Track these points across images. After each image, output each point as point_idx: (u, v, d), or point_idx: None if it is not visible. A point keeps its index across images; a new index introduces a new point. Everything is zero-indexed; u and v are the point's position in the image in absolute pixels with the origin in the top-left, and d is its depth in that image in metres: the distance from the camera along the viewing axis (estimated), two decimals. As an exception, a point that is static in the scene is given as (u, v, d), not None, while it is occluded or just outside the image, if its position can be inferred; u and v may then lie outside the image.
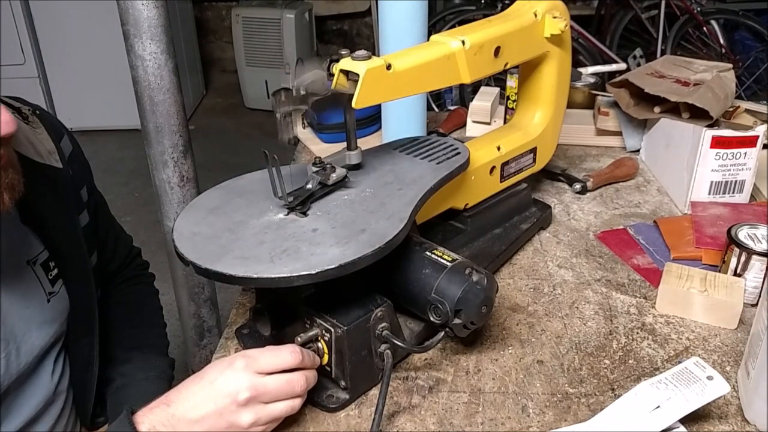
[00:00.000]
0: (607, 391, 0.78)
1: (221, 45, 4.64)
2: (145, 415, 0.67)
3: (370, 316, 0.73)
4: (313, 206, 0.78)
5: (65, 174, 0.86)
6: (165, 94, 1.21)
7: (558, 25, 0.98)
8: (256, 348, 0.72)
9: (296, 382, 0.69)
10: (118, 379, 0.96)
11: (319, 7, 4.21)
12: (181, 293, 1.45)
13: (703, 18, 3.28)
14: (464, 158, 0.89)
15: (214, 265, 0.68)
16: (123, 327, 1.01)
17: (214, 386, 0.67)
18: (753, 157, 1.09)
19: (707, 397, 0.69)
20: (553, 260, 1.03)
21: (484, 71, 0.91)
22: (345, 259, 0.67)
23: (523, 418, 0.74)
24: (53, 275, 0.83)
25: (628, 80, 1.27)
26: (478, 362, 0.82)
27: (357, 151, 0.85)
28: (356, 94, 0.75)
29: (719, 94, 1.16)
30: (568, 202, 1.20)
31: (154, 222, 2.62)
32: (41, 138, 0.84)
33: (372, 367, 0.76)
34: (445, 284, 0.74)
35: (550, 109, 1.08)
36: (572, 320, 0.90)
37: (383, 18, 1.17)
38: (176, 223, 0.77)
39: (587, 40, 3.21)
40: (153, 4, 1.14)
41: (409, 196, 0.79)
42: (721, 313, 0.87)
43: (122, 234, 1.07)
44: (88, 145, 0.90)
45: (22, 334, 0.78)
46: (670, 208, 1.17)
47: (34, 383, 0.82)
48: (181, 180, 1.29)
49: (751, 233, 0.92)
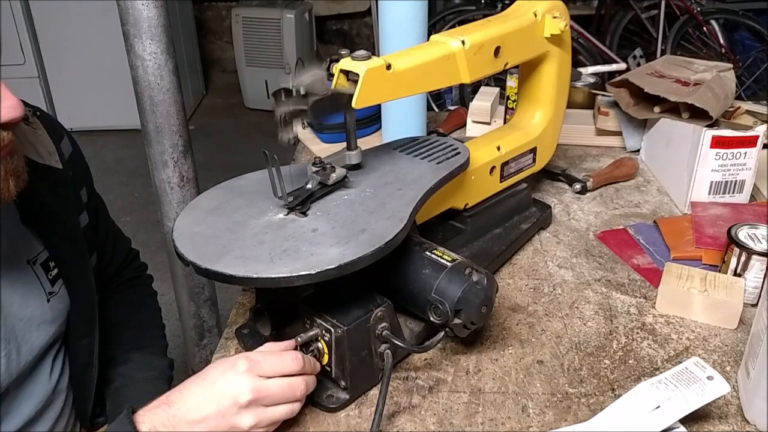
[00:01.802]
0: (607, 391, 0.78)
1: (221, 45, 4.64)
2: (146, 415, 0.67)
3: (370, 316, 0.73)
4: (313, 206, 0.78)
5: (65, 174, 0.86)
6: (165, 94, 1.21)
7: (558, 25, 0.98)
8: (257, 348, 0.72)
9: (297, 386, 0.69)
10: (117, 379, 0.96)
11: (319, 7, 4.21)
12: (181, 293, 1.45)
13: (703, 18, 3.28)
14: (464, 158, 0.89)
15: (214, 265, 0.68)
16: (122, 328, 1.01)
17: (216, 387, 0.67)
18: (753, 157, 1.09)
19: (707, 397, 0.69)
20: (553, 260, 1.03)
21: (484, 71, 0.91)
22: (345, 259, 0.67)
23: (523, 418, 0.74)
24: (53, 275, 0.83)
25: (628, 80, 1.27)
26: (478, 362, 0.82)
27: (357, 151, 0.85)
28: (356, 94, 0.75)
29: (719, 94, 1.16)
30: (568, 202, 1.20)
31: (154, 222, 2.62)
32: (41, 139, 0.84)
33: (372, 367, 0.76)
34: (445, 284, 0.74)
35: (550, 109, 1.08)
36: (572, 320, 0.90)
37: (383, 18, 1.17)
38: (176, 223, 0.77)
39: (587, 40, 3.21)
40: (153, 4, 1.14)
41: (409, 196, 0.79)
42: (721, 313, 0.87)
43: (121, 236, 1.07)
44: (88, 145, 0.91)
45: (22, 333, 0.78)
46: (670, 208, 1.17)
47: (33, 383, 0.82)
48: (181, 180, 1.29)
49: (751, 233, 0.92)
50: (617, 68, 1.95)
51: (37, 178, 0.79)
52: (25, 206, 0.80)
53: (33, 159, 0.80)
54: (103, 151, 3.46)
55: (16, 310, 0.78)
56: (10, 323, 0.77)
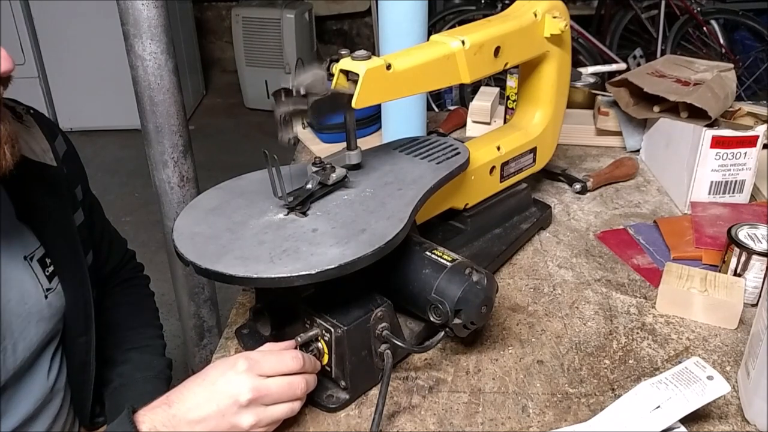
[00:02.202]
0: (607, 391, 0.78)
1: (221, 45, 4.64)
2: (146, 415, 0.67)
3: (370, 316, 0.73)
4: (313, 206, 0.78)
5: (60, 172, 0.86)
6: (165, 94, 1.21)
7: (558, 25, 0.98)
8: (257, 348, 0.72)
9: (297, 385, 0.69)
10: (116, 379, 0.96)
11: (319, 7, 4.21)
12: (181, 293, 1.45)
13: (703, 18, 3.28)
14: (464, 158, 0.89)
15: (214, 265, 0.68)
16: (120, 328, 1.02)
17: (216, 387, 0.67)
18: (753, 157, 1.09)
19: (707, 397, 0.69)
20: (553, 260, 1.03)
21: (484, 71, 0.91)
22: (345, 259, 0.67)
23: (523, 418, 0.74)
24: (50, 272, 0.83)
25: (628, 80, 1.27)
26: (478, 362, 0.82)
27: (357, 151, 0.85)
28: (356, 94, 0.75)
29: (719, 94, 1.16)
30: (568, 202, 1.20)
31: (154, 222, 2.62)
32: (36, 137, 0.84)
33: (372, 367, 0.76)
34: (445, 284, 0.74)
35: (550, 109, 1.08)
36: (572, 320, 0.90)
37: (383, 18, 1.17)
38: (176, 223, 0.77)
39: (587, 40, 3.21)
40: (153, 4, 1.14)
41: (409, 196, 0.79)
42: (721, 313, 0.87)
43: (117, 237, 1.08)
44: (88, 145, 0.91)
45: (19, 330, 0.78)
46: (670, 208, 1.17)
47: (30, 381, 0.82)
48: (181, 180, 1.29)
49: (751, 233, 0.92)
50: (617, 68, 1.95)
51: (31, 176, 0.79)
52: (20, 203, 0.81)
53: (28, 156, 0.80)
54: (102, 151, 3.46)
55: (13, 306, 0.78)
56: (7, 319, 0.77)
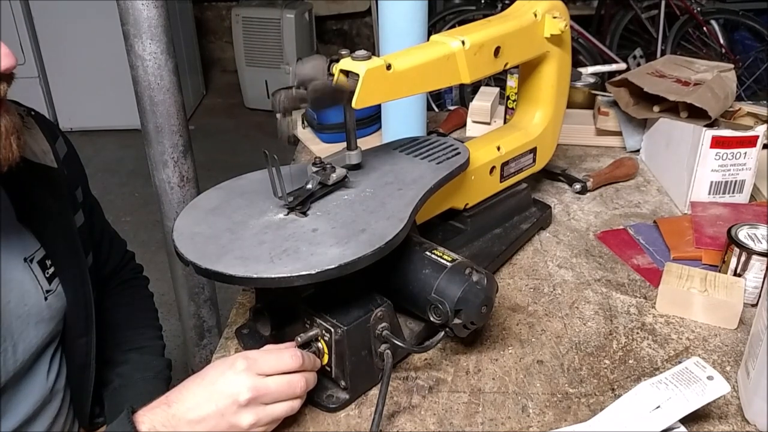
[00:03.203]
0: (607, 391, 0.78)
1: (221, 45, 4.64)
2: (146, 415, 0.67)
3: (370, 316, 0.73)
4: (313, 206, 0.78)
5: (60, 173, 0.86)
6: (165, 94, 1.21)
7: (558, 25, 0.98)
8: (257, 348, 0.72)
9: (296, 383, 0.69)
10: (115, 380, 0.97)
11: (319, 7, 4.21)
12: (181, 293, 1.45)
13: (703, 18, 3.28)
14: (464, 158, 0.89)
15: (214, 265, 0.68)
16: (119, 329, 1.02)
17: (216, 387, 0.67)
18: (753, 157, 1.09)
19: (707, 397, 0.69)
20: (553, 260, 1.03)
21: (484, 71, 0.91)
22: (345, 259, 0.67)
23: (523, 418, 0.74)
24: (50, 273, 0.84)
25: (628, 79, 1.27)
26: (478, 362, 0.82)
27: (357, 151, 0.85)
28: (356, 94, 0.75)
29: (719, 94, 1.16)
30: (568, 202, 1.20)
31: (154, 222, 2.62)
32: (37, 138, 0.84)
33: (372, 367, 0.76)
34: (445, 284, 0.74)
35: (550, 109, 1.08)
36: (572, 320, 0.90)
37: (383, 18, 1.17)
38: (176, 223, 0.77)
39: (587, 40, 3.21)
40: (153, 4, 1.14)
41: (409, 196, 0.79)
42: (721, 313, 0.87)
43: (117, 237, 1.08)
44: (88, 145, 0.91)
45: (19, 331, 0.78)
46: (670, 208, 1.17)
47: (30, 381, 0.82)
48: (181, 180, 1.29)
49: (751, 233, 0.92)
50: (617, 68, 1.95)
51: (32, 177, 0.79)
52: (21, 204, 0.81)
53: (28, 158, 0.80)
54: (102, 151, 3.46)
55: (13, 307, 0.78)
56: (7, 321, 0.77)
